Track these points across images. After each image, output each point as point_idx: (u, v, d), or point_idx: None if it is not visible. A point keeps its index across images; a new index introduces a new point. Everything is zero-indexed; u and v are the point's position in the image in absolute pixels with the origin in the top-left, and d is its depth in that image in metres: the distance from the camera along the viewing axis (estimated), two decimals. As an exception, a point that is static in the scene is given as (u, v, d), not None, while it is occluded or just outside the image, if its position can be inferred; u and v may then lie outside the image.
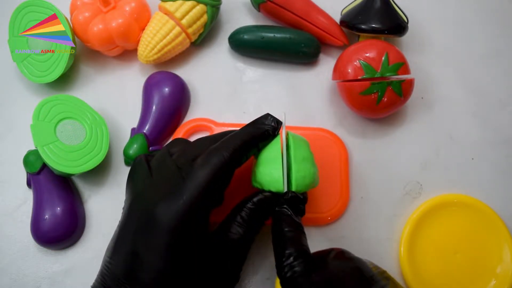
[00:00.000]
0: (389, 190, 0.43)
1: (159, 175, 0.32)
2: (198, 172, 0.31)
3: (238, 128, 0.35)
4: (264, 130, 0.34)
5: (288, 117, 0.45)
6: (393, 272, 0.41)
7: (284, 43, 0.45)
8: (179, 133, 0.44)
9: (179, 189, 0.30)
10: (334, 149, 0.43)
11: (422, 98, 0.46)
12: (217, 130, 0.43)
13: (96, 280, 0.31)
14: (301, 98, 0.46)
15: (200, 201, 0.30)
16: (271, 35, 0.45)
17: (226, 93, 0.47)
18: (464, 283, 0.40)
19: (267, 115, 0.35)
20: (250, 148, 0.33)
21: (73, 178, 0.43)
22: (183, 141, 0.37)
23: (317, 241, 0.41)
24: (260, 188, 0.34)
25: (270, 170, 0.33)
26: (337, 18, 0.47)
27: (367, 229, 0.42)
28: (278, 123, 0.34)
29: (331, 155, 0.42)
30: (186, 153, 0.33)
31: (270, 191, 0.33)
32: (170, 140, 0.44)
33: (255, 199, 0.33)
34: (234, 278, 0.33)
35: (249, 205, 0.33)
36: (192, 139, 0.44)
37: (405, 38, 0.48)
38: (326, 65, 0.47)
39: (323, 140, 0.43)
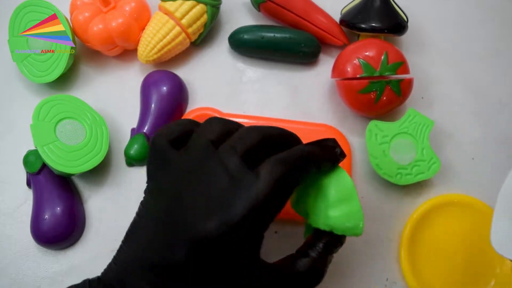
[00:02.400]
0: (389, 190, 0.43)
1: (202, 177, 0.26)
2: (258, 185, 0.25)
3: (250, 121, 0.31)
4: (333, 152, 0.29)
5: (288, 117, 0.45)
6: (393, 272, 0.41)
7: (284, 43, 0.45)
8: None
9: (229, 198, 0.25)
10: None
11: (422, 98, 0.46)
12: None
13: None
14: (301, 98, 0.46)
15: (257, 219, 0.26)
16: (271, 35, 0.45)
17: (226, 93, 0.47)
18: (464, 283, 0.40)
19: (334, 139, 0.30)
20: (313, 168, 0.28)
21: (73, 178, 0.43)
22: (221, 124, 0.29)
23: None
24: (323, 230, 0.29)
25: (353, 216, 0.29)
26: (337, 17, 0.47)
27: (367, 229, 0.42)
28: (342, 154, 0.30)
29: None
30: (235, 150, 0.26)
31: (340, 234, 0.29)
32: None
33: (322, 245, 0.29)
34: None
35: (318, 248, 0.29)
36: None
37: (405, 38, 0.48)
38: (326, 65, 0.47)
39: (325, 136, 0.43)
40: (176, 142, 0.29)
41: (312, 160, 0.28)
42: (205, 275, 0.26)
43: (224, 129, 0.28)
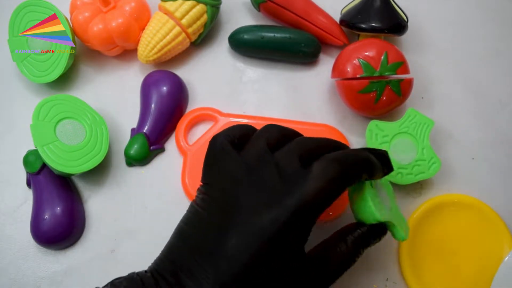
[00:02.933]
0: (389, 190, 0.43)
1: (258, 176, 0.28)
2: (310, 181, 0.27)
3: (250, 121, 0.34)
4: (386, 162, 0.31)
5: (288, 117, 0.45)
6: (393, 272, 0.41)
7: (284, 43, 0.45)
8: (183, 123, 0.44)
9: (280, 195, 0.27)
10: None
11: (422, 98, 0.46)
12: (222, 120, 0.43)
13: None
14: (301, 98, 0.46)
15: (307, 215, 0.27)
16: (271, 35, 0.45)
17: (226, 93, 0.47)
18: (464, 283, 0.40)
19: (386, 151, 0.32)
20: (365, 175, 0.30)
21: (73, 178, 0.43)
22: (278, 131, 0.31)
23: (317, 239, 0.41)
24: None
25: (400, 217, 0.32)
26: (337, 17, 0.47)
27: (367, 229, 0.42)
28: (391, 168, 0.32)
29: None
30: (292, 153, 0.29)
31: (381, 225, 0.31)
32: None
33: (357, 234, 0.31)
34: None
35: (351, 239, 0.31)
36: (196, 129, 0.44)
37: (405, 38, 0.48)
38: (326, 65, 0.47)
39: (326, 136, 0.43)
40: (235, 144, 0.30)
41: (367, 166, 0.29)
42: (256, 265, 0.26)
43: (281, 134, 0.31)
